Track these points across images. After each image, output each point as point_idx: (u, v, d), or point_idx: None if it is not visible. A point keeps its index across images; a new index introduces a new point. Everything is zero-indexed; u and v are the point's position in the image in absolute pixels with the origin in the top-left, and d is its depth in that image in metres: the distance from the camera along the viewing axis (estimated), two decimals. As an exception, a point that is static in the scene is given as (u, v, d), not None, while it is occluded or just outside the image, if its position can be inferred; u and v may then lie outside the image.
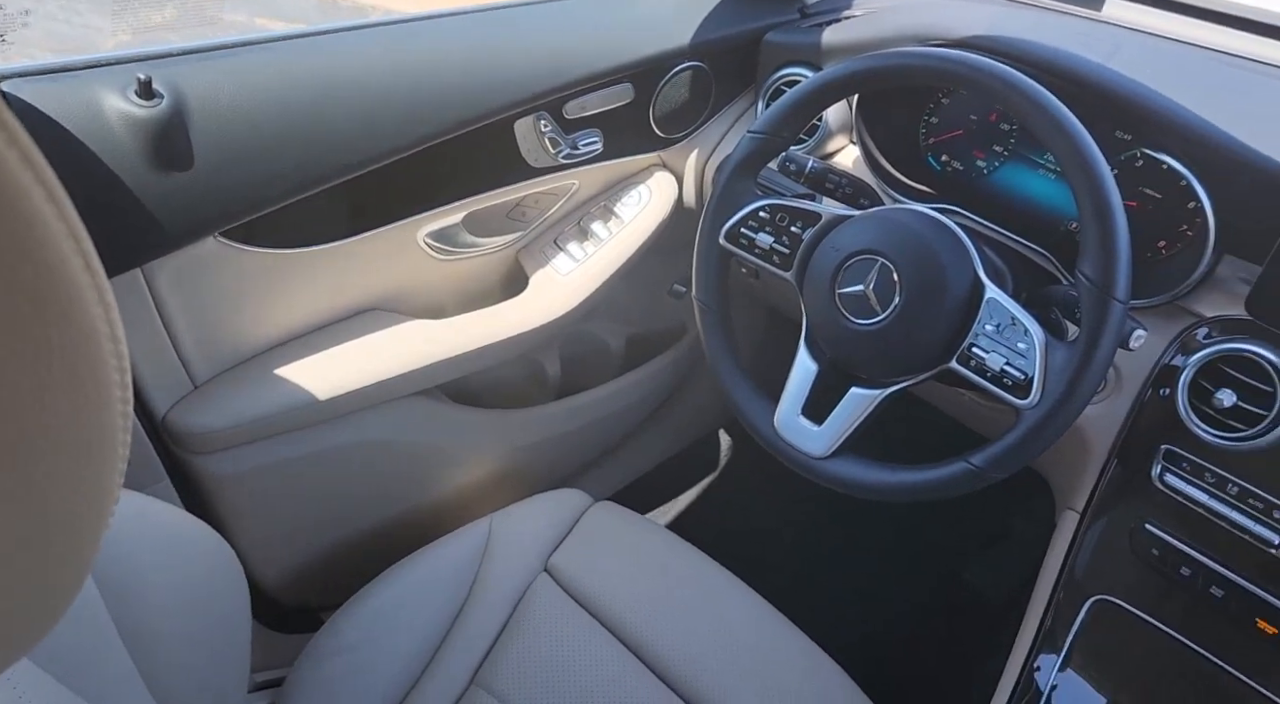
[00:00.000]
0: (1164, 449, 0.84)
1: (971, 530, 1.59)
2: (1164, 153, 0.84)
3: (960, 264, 0.76)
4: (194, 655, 0.66)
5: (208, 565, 0.72)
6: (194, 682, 0.65)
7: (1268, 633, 0.79)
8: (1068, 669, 0.87)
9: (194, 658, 0.66)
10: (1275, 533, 0.77)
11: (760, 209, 0.85)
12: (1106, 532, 0.89)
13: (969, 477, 0.74)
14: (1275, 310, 0.77)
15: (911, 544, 1.60)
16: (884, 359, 0.78)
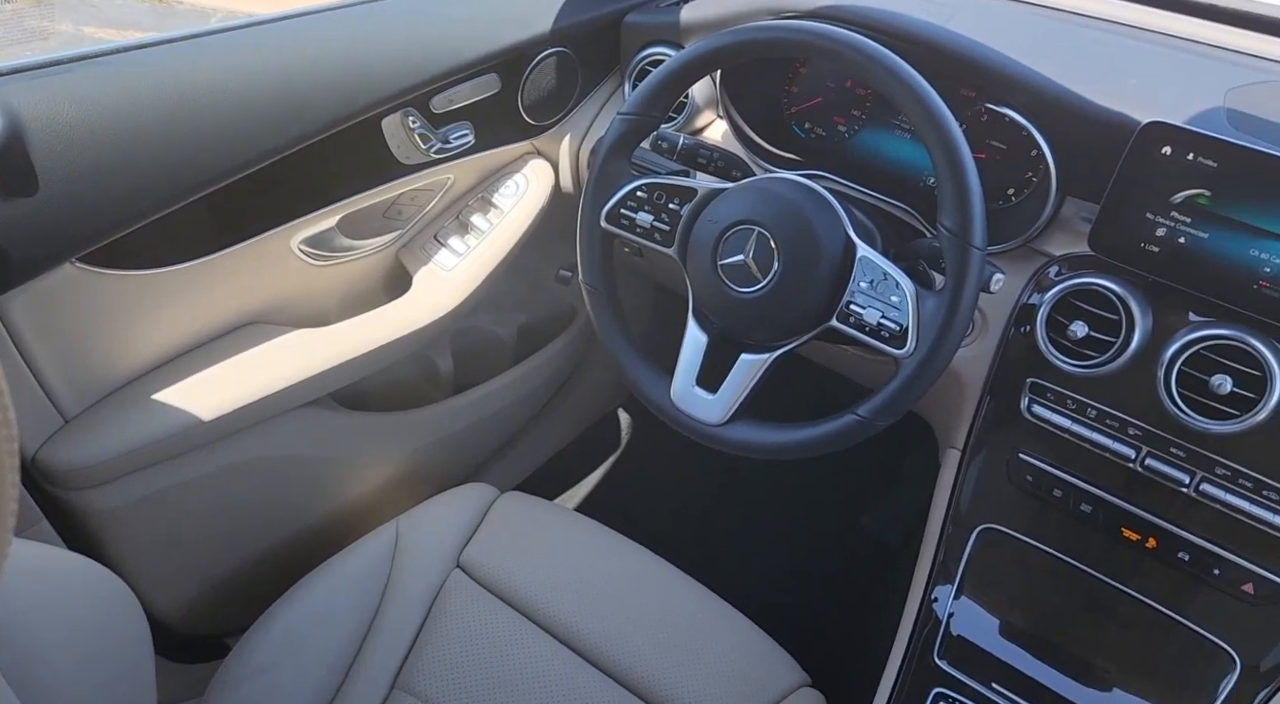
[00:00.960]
0: (1030, 382, 0.90)
1: (865, 479, 1.67)
2: (1005, 106, 0.90)
3: (832, 227, 0.79)
4: (95, 699, 0.63)
5: (100, 604, 0.69)
6: None
7: (1132, 540, 0.86)
8: (962, 597, 0.93)
9: (95, 702, 0.63)
10: (1131, 449, 0.85)
11: (637, 189, 0.87)
12: (985, 465, 0.95)
13: (859, 427, 0.78)
14: (1114, 245, 0.83)
15: (811, 500, 1.66)
16: (769, 323, 0.81)
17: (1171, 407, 0.80)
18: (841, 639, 1.42)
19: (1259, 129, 0.83)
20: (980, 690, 0.89)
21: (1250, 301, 0.78)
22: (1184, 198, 0.79)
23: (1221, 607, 0.84)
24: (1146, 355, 0.82)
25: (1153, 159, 0.78)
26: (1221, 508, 0.81)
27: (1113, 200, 0.82)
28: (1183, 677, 0.85)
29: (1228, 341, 0.78)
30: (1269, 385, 0.76)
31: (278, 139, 0.92)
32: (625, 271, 1.08)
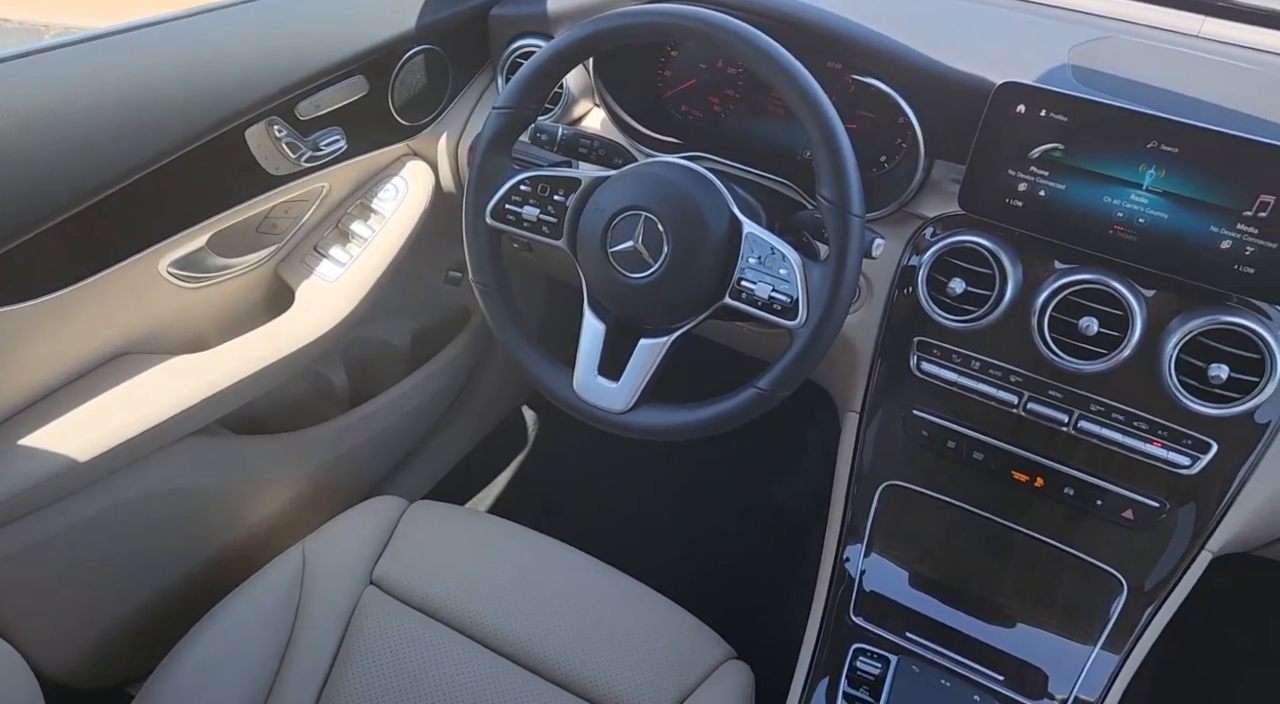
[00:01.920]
0: (916, 341, 0.94)
1: (773, 451, 1.70)
2: (871, 77, 0.93)
3: (716, 206, 0.80)
4: None
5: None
6: None
7: (1022, 481, 0.91)
8: (872, 553, 0.97)
9: None
10: (1014, 395, 0.90)
11: (520, 183, 0.86)
12: (882, 424, 0.99)
13: (760, 399, 0.79)
14: (981, 203, 0.87)
15: (722, 477, 1.69)
16: (664, 306, 0.81)
17: (1046, 351, 0.85)
18: (763, 609, 1.45)
19: (1101, 83, 0.88)
20: (896, 641, 0.93)
21: (1107, 246, 0.83)
22: (1040, 152, 0.83)
23: (1107, 535, 0.90)
24: (1020, 305, 0.87)
25: (1009, 118, 0.82)
26: (1098, 442, 0.87)
27: (977, 160, 0.86)
28: (1078, 604, 0.91)
29: (1091, 285, 0.83)
30: (1130, 324, 0.82)
31: (133, 158, 0.87)
32: (517, 267, 1.07)
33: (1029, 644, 0.91)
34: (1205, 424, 0.84)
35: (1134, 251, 0.82)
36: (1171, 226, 0.80)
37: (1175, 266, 0.81)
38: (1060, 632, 0.91)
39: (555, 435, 1.74)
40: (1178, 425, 0.85)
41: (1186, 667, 1.38)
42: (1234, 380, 0.79)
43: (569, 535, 1.04)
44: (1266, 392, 0.79)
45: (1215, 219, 0.78)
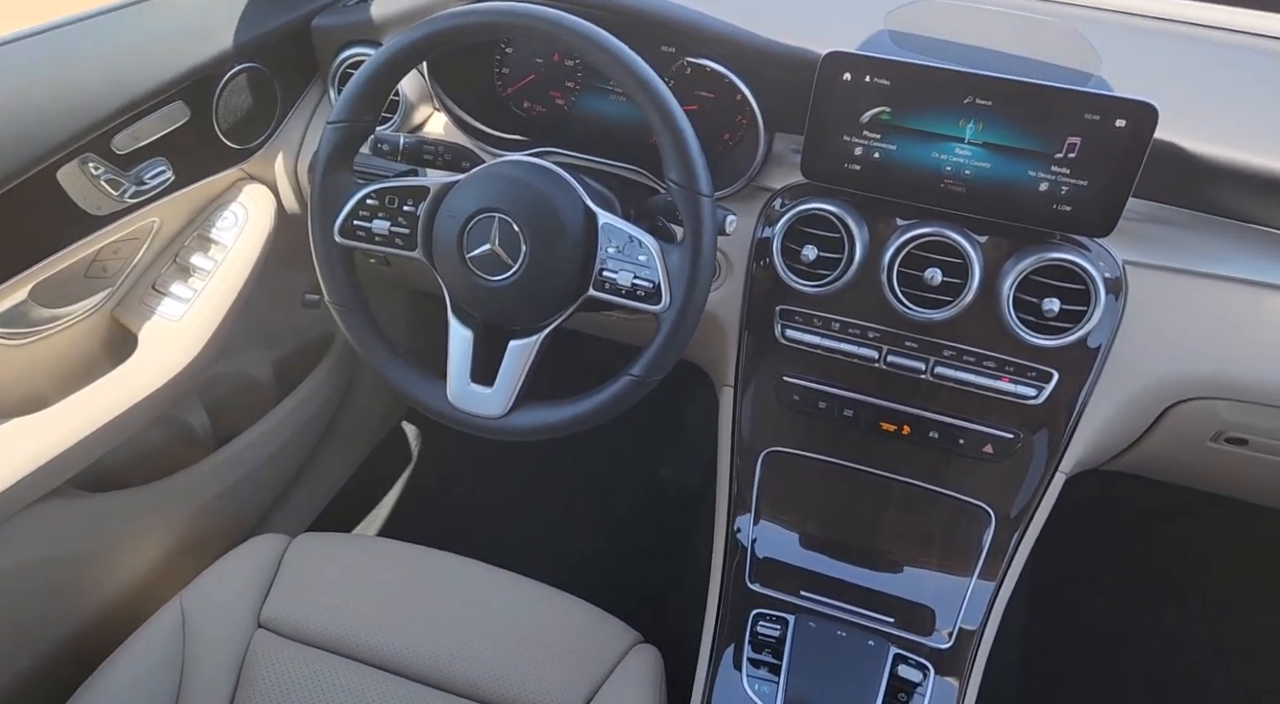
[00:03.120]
0: (779, 310, 0.97)
1: (657, 431, 1.73)
2: (704, 58, 0.95)
3: (569, 201, 0.80)
4: None
5: None
6: None
7: (890, 431, 0.96)
8: (761, 521, 1.00)
9: None
10: (874, 350, 0.94)
11: (366, 197, 0.84)
12: (756, 394, 1.02)
13: (636, 386, 0.80)
14: (822, 170, 0.91)
15: (612, 464, 1.70)
16: (529, 306, 0.81)
17: (898, 304, 0.90)
18: (666, 588, 1.48)
19: (916, 44, 0.93)
20: (792, 601, 0.97)
21: (940, 198, 0.88)
22: (869, 117, 0.87)
23: (972, 471, 0.96)
24: (869, 264, 0.91)
25: (837, 87, 0.86)
26: (955, 384, 0.92)
27: (812, 130, 0.89)
28: (954, 539, 0.97)
29: (931, 238, 0.88)
30: (969, 270, 0.87)
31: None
32: (376, 281, 1.04)
33: (915, 585, 0.96)
34: (1046, 356, 0.90)
35: (964, 201, 0.87)
36: (994, 175, 0.85)
37: (1002, 211, 0.87)
38: (941, 568, 0.96)
39: (439, 447, 1.71)
40: (1022, 360, 0.91)
41: (1053, 586, 1.49)
42: (1065, 312, 0.86)
43: (464, 546, 1.03)
44: (1094, 318, 0.85)
45: (1032, 164, 0.84)
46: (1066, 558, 1.53)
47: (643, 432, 1.72)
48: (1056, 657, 1.45)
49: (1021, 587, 0.96)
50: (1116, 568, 1.59)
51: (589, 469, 1.70)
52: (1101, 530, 1.57)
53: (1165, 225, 0.90)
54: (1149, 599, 1.56)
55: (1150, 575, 1.59)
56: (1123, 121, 0.79)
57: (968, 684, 0.92)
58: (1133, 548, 1.62)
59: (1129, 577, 1.59)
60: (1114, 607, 1.54)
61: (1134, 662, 1.47)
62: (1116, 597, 1.56)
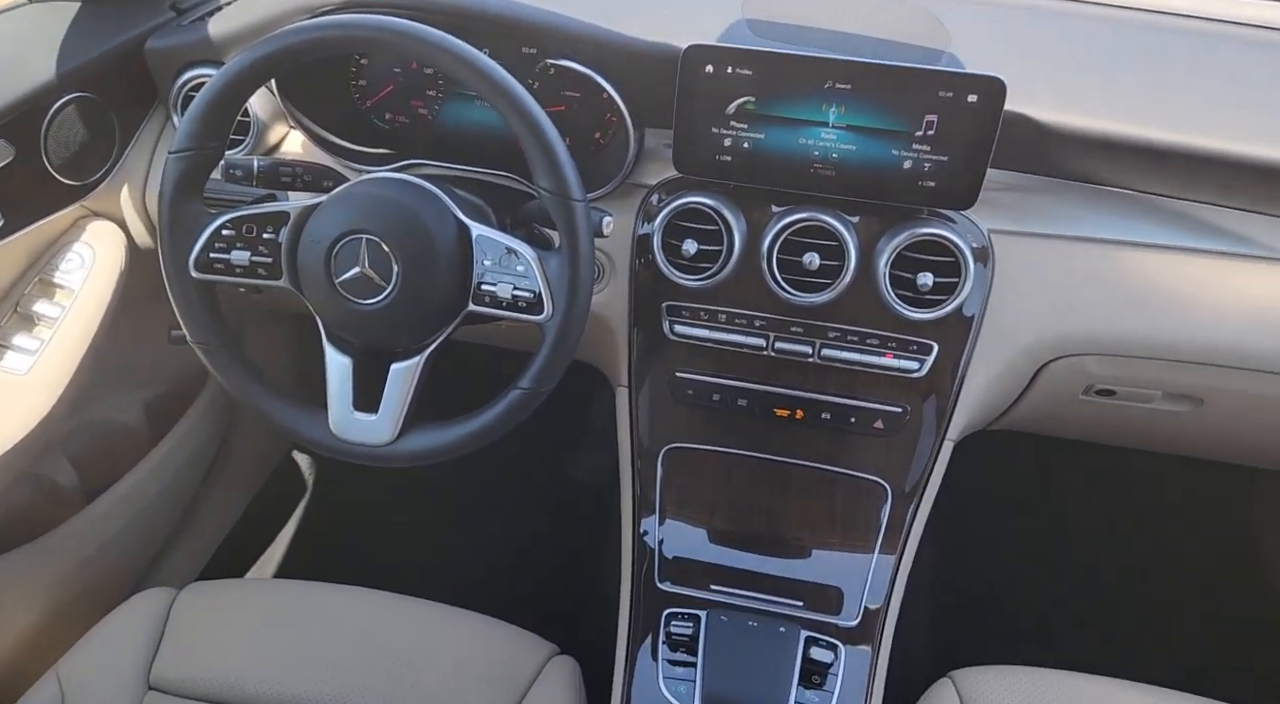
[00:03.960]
0: (665, 306, 0.97)
1: (560, 435, 1.71)
2: (565, 58, 0.93)
3: (440, 215, 0.78)
4: None
5: None
6: None
7: (784, 417, 0.98)
8: (667, 520, 1.00)
9: None
10: (762, 338, 0.95)
11: (221, 228, 0.79)
12: (651, 392, 1.01)
13: (527, 398, 0.78)
14: (694, 163, 0.91)
15: (517, 472, 1.68)
16: (407, 326, 0.78)
17: (780, 291, 0.91)
18: (581, 594, 1.46)
19: (775, 32, 0.94)
20: (703, 597, 0.97)
21: (811, 183, 0.89)
22: (735, 107, 0.87)
23: (866, 448, 0.98)
24: (749, 253, 0.92)
25: (701, 79, 0.86)
26: (842, 365, 0.94)
27: (681, 123, 0.89)
28: (854, 518, 0.99)
29: (806, 223, 0.89)
30: (845, 252, 0.89)
31: None
32: (252, 306, 0.99)
33: (821, 566, 0.98)
34: (924, 329, 0.92)
35: (834, 184, 0.88)
36: (860, 156, 0.87)
37: (871, 191, 0.88)
38: (845, 547, 0.98)
39: (335, 477, 1.64)
40: (903, 335, 0.93)
41: (952, 546, 1.54)
42: (939, 284, 0.88)
43: (368, 577, 0.99)
44: (966, 288, 0.88)
45: (894, 143, 0.85)
46: (961, 517, 1.60)
47: (547, 433, 1.69)
48: (963, 615, 1.51)
49: (923, 554, 0.99)
50: (1009, 520, 1.67)
51: (495, 478, 1.67)
52: (990, 487, 1.63)
53: (1025, 193, 0.94)
54: (1043, 546, 1.64)
55: (1041, 523, 1.67)
56: (974, 97, 0.82)
57: (878, 656, 0.94)
58: (1022, 499, 1.70)
59: (1023, 525, 1.67)
60: (1013, 557, 1.62)
61: (1035, 609, 1.55)
62: (1014, 547, 1.63)
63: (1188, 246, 0.93)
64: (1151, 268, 0.94)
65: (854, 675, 0.92)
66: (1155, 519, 1.68)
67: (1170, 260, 0.93)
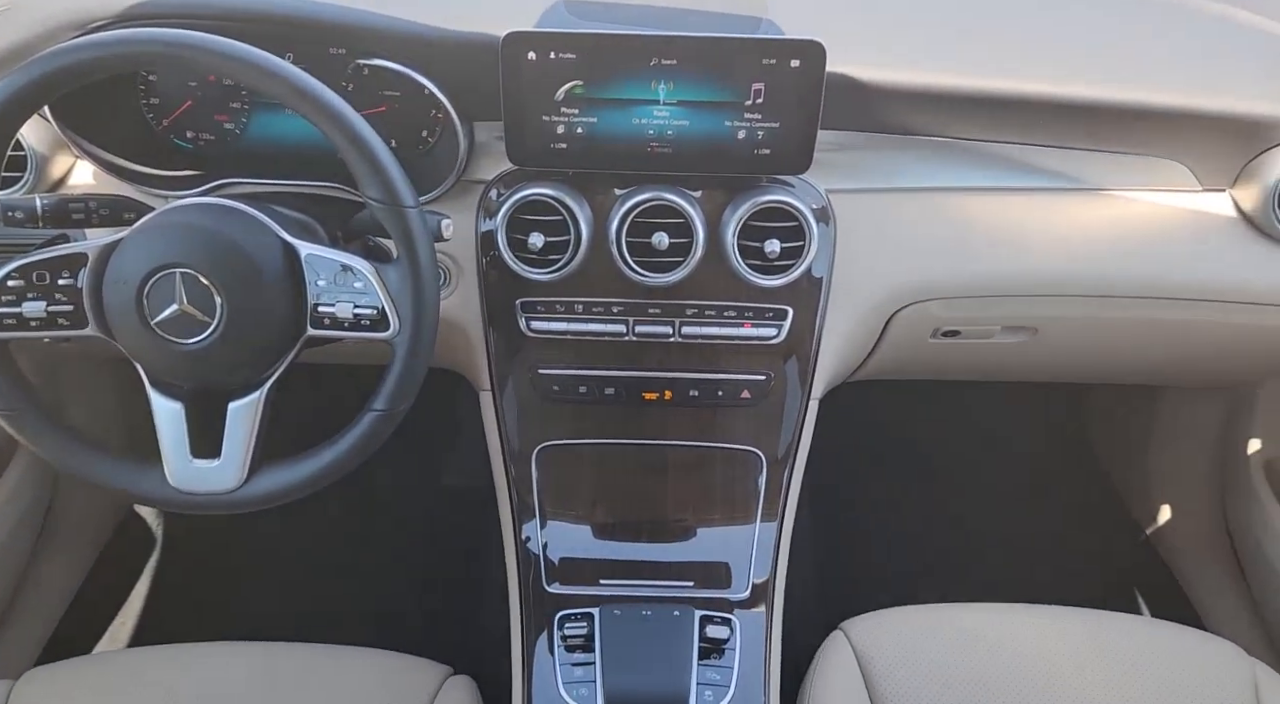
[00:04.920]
0: (519, 303, 0.94)
1: (430, 441, 1.65)
2: (377, 57, 0.88)
3: (261, 237, 0.72)
4: None
5: None
6: None
7: (653, 400, 0.97)
8: (548, 523, 0.98)
9: None
10: (621, 324, 0.94)
11: (6, 278, 0.71)
12: (516, 392, 0.98)
13: (384, 420, 0.74)
14: (529, 154, 0.88)
15: (391, 490, 1.61)
16: (240, 362, 0.72)
17: (633, 274, 0.90)
18: (468, 611, 1.42)
19: (593, 12, 0.92)
20: (594, 594, 0.96)
21: (650, 162, 0.88)
22: (563, 93, 0.85)
23: (736, 419, 0.99)
24: (597, 240, 0.90)
25: (524, 67, 0.83)
26: (703, 340, 0.94)
27: (510, 115, 0.85)
28: (733, 490, 1.00)
29: (650, 203, 0.88)
30: (692, 229, 0.88)
31: None
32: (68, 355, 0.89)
33: (708, 544, 0.98)
34: (778, 295, 0.94)
35: (673, 161, 0.88)
36: (695, 131, 0.86)
37: (710, 165, 0.88)
38: (728, 522, 0.99)
39: (188, 524, 1.53)
40: (758, 303, 0.94)
41: (829, 504, 1.60)
42: (786, 249, 0.89)
43: (237, 630, 0.92)
44: (812, 250, 0.90)
45: (726, 114, 0.85)
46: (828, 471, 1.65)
47: (415, 444, 1.63)
48: (847, 566, 1.56)
49: (802, 513, 1.01)
50: (871, 466, 1.74)
51: (369, 498, 1.59)
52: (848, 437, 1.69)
53: (857, 151, 0.97)
54: (908, 487, 1.72)
55: (901, 464, 1.75)
56: (797, 61, 0.83)
57: (772, 622, 0.95)
58: (888, 445, 1.78)
59: (884, 470, 1.74)
60: (882, 501, 1.69)
61: (912, 548, 1.62)
62: (880, 491, 1.70)
63: (1009, 186, 0.99)
64: (979, 210, 0.98)
65: (751, 645, 0.93)
66: (1004, 442, 1.79)
67: (995, 201, 0.98)
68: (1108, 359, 1.20)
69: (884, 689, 0.89)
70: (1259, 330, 1.06)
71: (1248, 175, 0.98)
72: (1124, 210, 1.00)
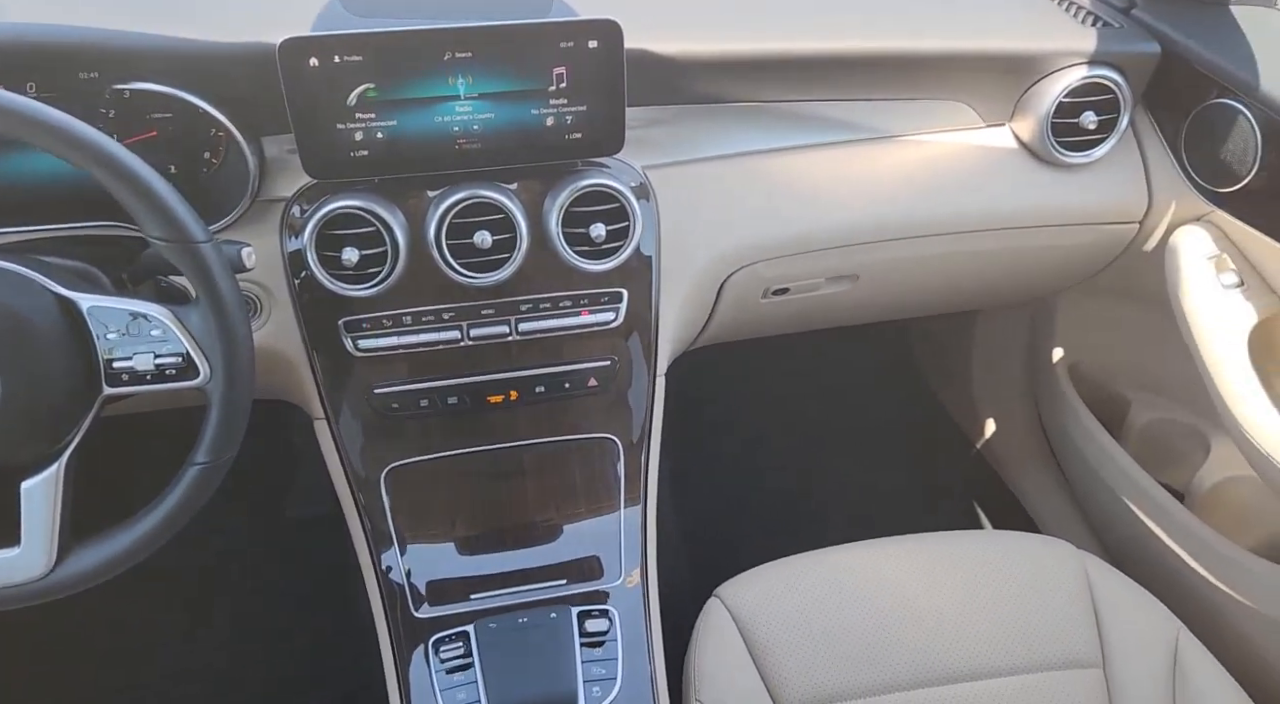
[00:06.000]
0: (342, 323, 0.89)
1: (266, 471, 1.55)
2: (136, 80, 0.80)
3: (30, 294, 0.65)
4: None
5: None
6: None
7: (499, 402, 0.94)
8: (407, 547, 0.94)
9: None
10: (455, 330, 0.91)
11: None
12: (353, 416, 0.93)
13: (209, 473, 0.69)
14: (327, 165, 0.82)
15: (219, 538, 1.50)
16: (25, 437, 0.65)
17: (459, 277, 0.87)
18: (335, 651, 1.35)
19: (373, 8, 0.87)
20: (467, 611, 0.93)
21: (460, 160, 0.85)
22: (356, 98, 0.80)
23: (587, 409, 0.98)
24: (417, 247, 0.86)
25: (307, 75, 0.77)
26: (543, 334, 0.93)
27: (300, 126, 0.80)
28: (594, 481, 0.99)
29: (466, 202, 0.85)
30: (514, 223, 0.86)
31: None
32: None
33: (576, 540, 0.97)
34: (610, 278, 0.93)
35: (484, 156, 0.85)
36: (502, 123, 0.83)
37: (522, 156, 0.86)
38: (593, 513, 0.98)
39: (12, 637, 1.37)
40: (592, 289, 0.93)
41: (689, 479, 1.62)
42: (612, 231, 0.89)
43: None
44: (637, 229, 0.89)
45: (532, 102, 0.83)
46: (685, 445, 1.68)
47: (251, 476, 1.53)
48: (716, 535, 1.60)
49: (664, 490, 1.02)
50: (727, 433, 1.78)
51: (201, 549, 1.48)
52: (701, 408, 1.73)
53: (669, 125, 0.97)
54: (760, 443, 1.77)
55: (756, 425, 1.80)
56: (594, 42, 0.81)
57: (649, 605, 0.96)
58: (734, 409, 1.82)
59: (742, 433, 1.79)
60: (738, 462, 1.73)
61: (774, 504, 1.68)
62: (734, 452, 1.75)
63: (815, 143, 1.02)
64: (790, 169, 1.01)
65: (632, 632, 0.93)
66: (842, 386, 1.88)
67: (803, 159, 1.02)
68: (925, 294, 1.28)
69: (763, 642, 0.92)
70: (1053, 249, 1.15)
71: (1022, 108, 1.06)
72: (920, 153, 1.05)
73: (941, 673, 0.90)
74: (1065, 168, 1.07)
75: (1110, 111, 1.04)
